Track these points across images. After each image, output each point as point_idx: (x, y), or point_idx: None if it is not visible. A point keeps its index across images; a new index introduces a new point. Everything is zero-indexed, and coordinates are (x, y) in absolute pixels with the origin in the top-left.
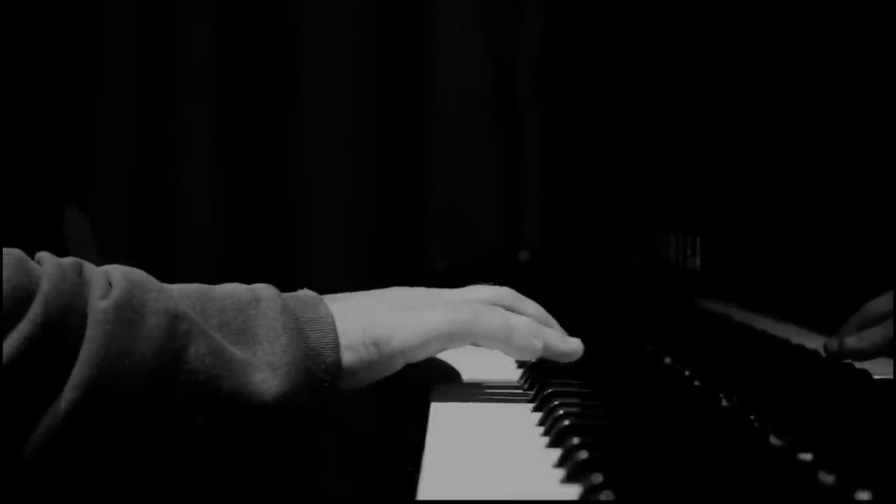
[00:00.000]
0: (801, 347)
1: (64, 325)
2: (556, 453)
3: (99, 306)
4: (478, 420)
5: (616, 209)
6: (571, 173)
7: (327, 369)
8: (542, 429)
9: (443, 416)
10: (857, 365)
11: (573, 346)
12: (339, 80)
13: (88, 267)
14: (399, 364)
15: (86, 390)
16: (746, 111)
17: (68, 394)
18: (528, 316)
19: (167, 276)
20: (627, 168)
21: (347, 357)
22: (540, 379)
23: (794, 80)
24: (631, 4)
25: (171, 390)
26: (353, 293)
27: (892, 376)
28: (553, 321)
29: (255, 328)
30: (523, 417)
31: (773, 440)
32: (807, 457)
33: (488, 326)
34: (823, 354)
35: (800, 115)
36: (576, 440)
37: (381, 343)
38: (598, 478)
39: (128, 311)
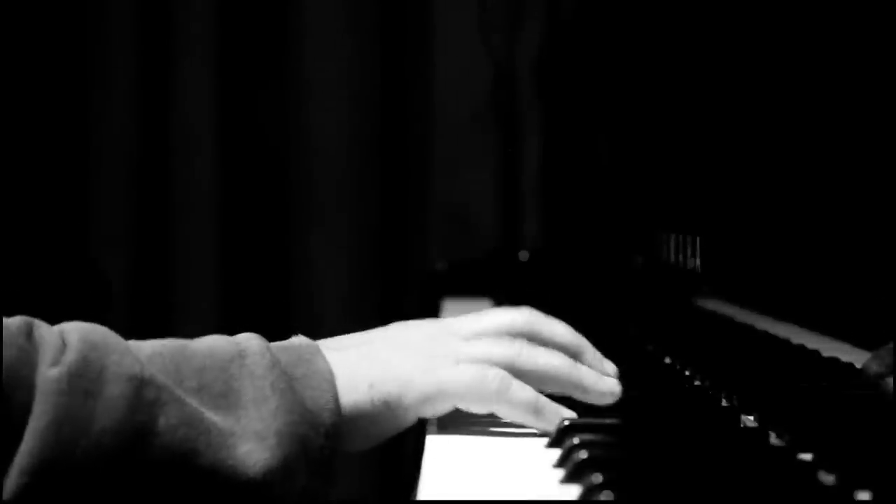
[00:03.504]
0: (802, 347)
1: (7, 399)
2: (556, 453)
3: (49, 375)
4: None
5: (616, 209)
6: (571, 173)
7: (327, 433)
8: None
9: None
10: (857, 365)
11: (609, 385)
12: (339, 80)
13: (40, 327)
14: (410, 421)
15: (34, 477)
16: (746, 111)
17: (14, 481)
18: (555, 339)
19: (167, 278)
20: (627, 168)
21: (353, 416)
22: None
23: (793, 81)
24: (630, 5)
25: (137, 469)
26: (353, 336)
27: None
28: (585, 343)
29: (239, 390)
30: None
31: (773, 440)
32: (807, 457)
33: (514, 402)
34: (824, 355)
35: (799, 116)
36: (575, 440)
37: (391, 401)
38: (597, 478)
39: (84, 379)
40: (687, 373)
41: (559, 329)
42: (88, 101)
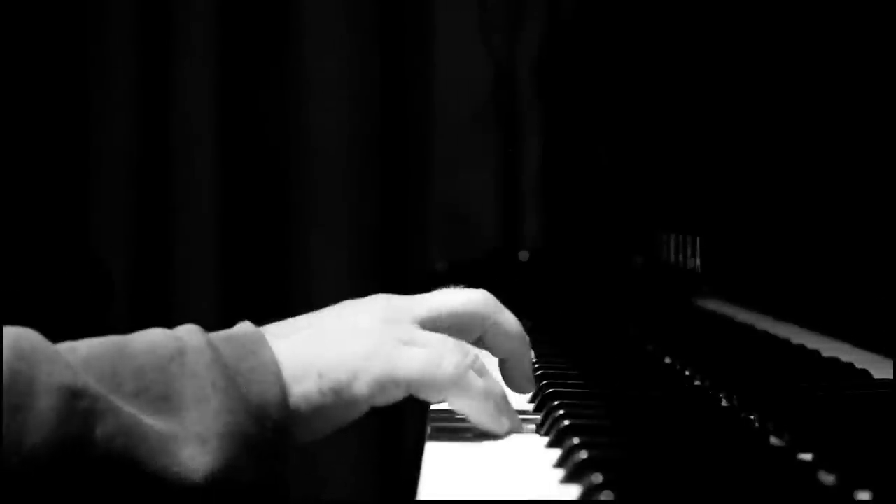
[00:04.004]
0: (802, 347)
1: None
2: (556, 453)
3: None
4: None
5: (616, 209)
6: (571, 173)
7: (274, 429)
8: (542, 429)
9: (442, 413)
10: (857, 365)
11: (504, 428)
12: (339, 80)
13: None
14: (362, 411)
15: None
16: (746, 111)
17: None
18: (508, 329)
19: (167, 278)
20: (627, 168)
21: (303, 408)
22: (539, 379)
23: (793, 81)
24: (630, 5)
25: (76, 481)
26: (301, 319)
27: (892, 376)
28: (527, 341)
29: (179, 391)
30: (523, 417)
31: (773, 440)
32: (807, 457)
33: (470, 391)
34: (824, 355)
35: (799, 116)
36: (575, 440)
37: (342, 389)
38: (597, 478)
39: (11, 394)
40: (687, 373)
41: (512, 321)
42: (88, 101)
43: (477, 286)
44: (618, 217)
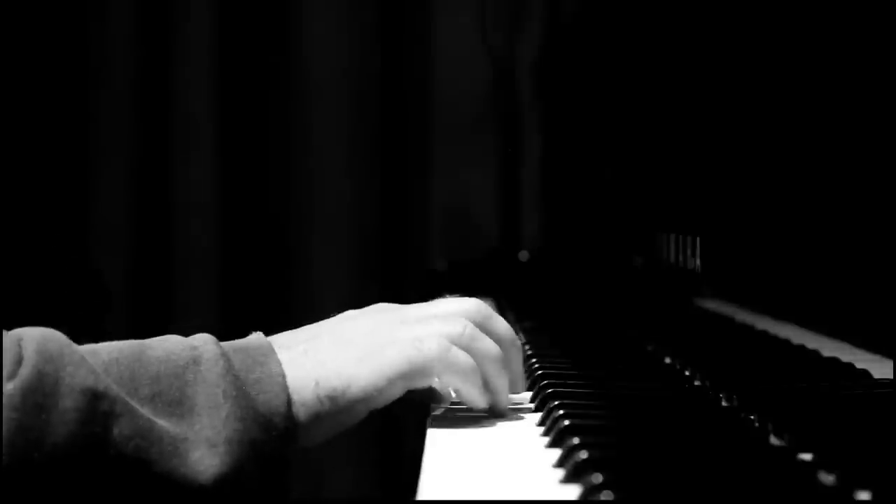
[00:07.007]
0: (802, 347)
1: None
2: (556, 453)
3: (4, 390)
4: (477, 418)
5: (616, 209)
6: (571, 173)
7: (279, 436)
8: (542, 429)
9: (442, 414)
10: (858, 365)
11: (510, 400)
12: (339, 80)
13: None
14: (361, 415)
15: None
16: (746, 111)
17: None
18: (497, 335)
19: (166, 278)
20: (627, 168)
21: (301, 415)
22: (540, 379)
23: (793, 81)
24: (630, 6)
25: (94, 478)
26: (305, 329)
27: (892, 376)
28: (518, 344)
29: (192, 397)
30: (523, 417)
31: (773, 440)
32: (807, 457)
33: (456, 365)
34: (824, 355)
35: (799, 116)
36: (575, 440)
37: (337, 396)
38: (597, 478)
39: (37, 393)
40: (687, 373)
41: (501, 325)
42: (88, 101)
43: (477, 286)
44: (618, 217)
